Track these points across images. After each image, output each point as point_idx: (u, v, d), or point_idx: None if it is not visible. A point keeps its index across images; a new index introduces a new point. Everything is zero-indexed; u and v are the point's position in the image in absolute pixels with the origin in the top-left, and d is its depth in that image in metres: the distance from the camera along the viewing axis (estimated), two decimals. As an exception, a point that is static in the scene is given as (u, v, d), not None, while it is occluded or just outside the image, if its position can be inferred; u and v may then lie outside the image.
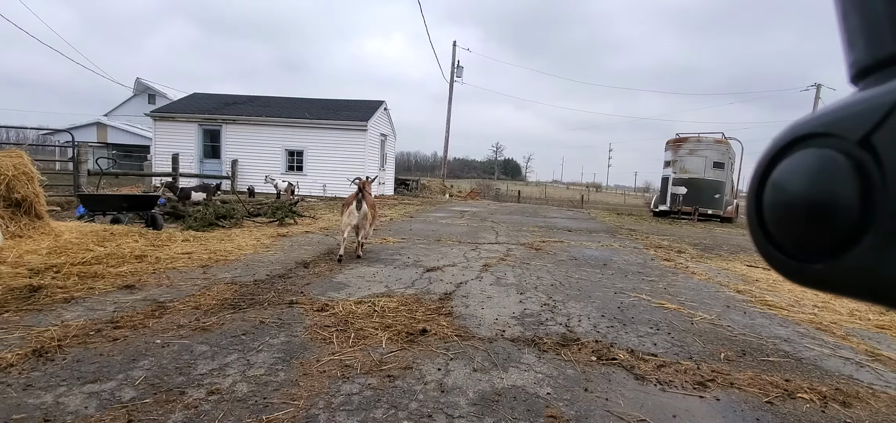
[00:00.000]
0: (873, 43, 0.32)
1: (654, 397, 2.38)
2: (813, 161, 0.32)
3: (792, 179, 0.33)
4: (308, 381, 2.33)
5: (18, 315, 3.04)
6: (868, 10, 0.33)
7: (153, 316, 3.14)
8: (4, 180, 4.98)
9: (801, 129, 0.34)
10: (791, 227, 0.33)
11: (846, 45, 0.35)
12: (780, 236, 0.34)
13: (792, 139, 0.34)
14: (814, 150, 0.32)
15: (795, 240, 0.33)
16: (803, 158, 0.33)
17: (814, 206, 0.31)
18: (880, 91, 0.30)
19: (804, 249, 0.33)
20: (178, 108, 20.86)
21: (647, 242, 9.19)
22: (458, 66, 29.40)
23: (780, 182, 0.34)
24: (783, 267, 0.34)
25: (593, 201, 34.29)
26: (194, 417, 1.95)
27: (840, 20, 0.36)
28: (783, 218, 0.33)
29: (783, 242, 0.34)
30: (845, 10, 0.35)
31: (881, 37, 0.32)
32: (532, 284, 4.73)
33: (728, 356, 3.02)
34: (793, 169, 0.33)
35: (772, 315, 4.07)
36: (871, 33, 0.32)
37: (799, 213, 0.32)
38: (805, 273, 0.33)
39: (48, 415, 1.90)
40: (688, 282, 5.31)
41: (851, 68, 0.35)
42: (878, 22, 0.32)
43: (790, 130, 0.34)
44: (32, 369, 2.29)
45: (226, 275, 4.41)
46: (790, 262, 0.34)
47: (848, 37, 0.35)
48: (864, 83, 0.34)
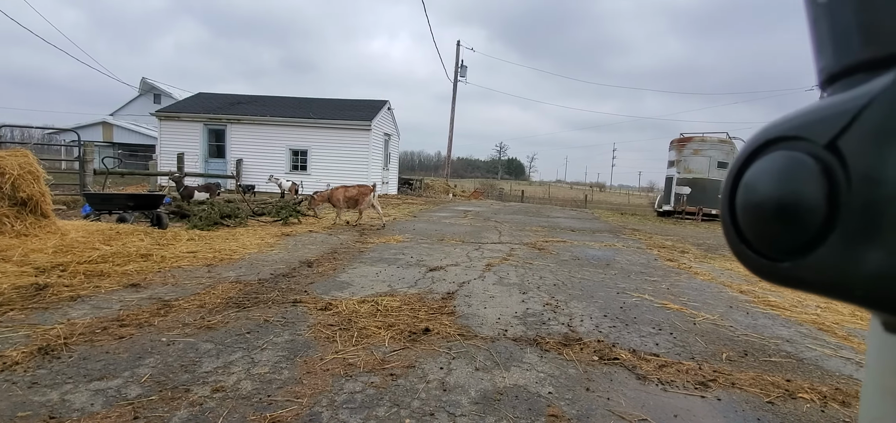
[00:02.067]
0: (841, 50, 0.34)
1: (656, 396, 2.38)
2: (783, 163, 0.33)
3: (763, 180, 0.34)
4: (311, 379, 2.34)
5: (24, 313, 3.07)
6: (836, 18, 0.34)
7: (159, 314, 3.17)
8: (10, 179, 5.02)
9: (773, 132, 0.35)
10: (762, 226, 0.34)
11: (816, 51, 0.36)
12: (751, 234, 0.35)
13: (764, 142, 0.35)
14: (784, 152, 0.34)
15: (766, 239, 0.34)
16: (774, 160, 0.34)
17: (783, 206, 0.33)
18: (847, 97, 0.31)
19: (774, 247, 0.34)
20: (183, 107, 20.97)
21: (651, 242, 9.17)
22: (461, 66, 29.41)
23: (752, 183, 0.35)
24: (754, 265, 0.36)
25: (597, 201, 34.22)
26: (199, 414, 1.97)
27: (810, 27, 0.37)
28: (754, 217, 0.35)
29: (754, 240, 0.35)
30: (815, 18, 0.36)
31: (848, 44, 0.33)
32: (535, 283, 4.74)
33: (730, 356, 3.02)
34: (764, 170, 0.34)
35: (774, 316, 4.06)
36: (838, 41, 0.34)
37: (769, 212, 0.33)
38: (774, 271, 0.34)
39: (54, 412, 1.92)
40: (691, 282, 5.31)
41: (820, 74, 0.36)
42: (846, 30, 0.33)
43: (762, 133, 0.35)
44: (38, 366, 2.32)
45: (230, 274, 4.44)
46: (761, 260, 0.35)
47: (817, 43, 0.36)
48: (832, 89, 0.35)
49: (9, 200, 4.99)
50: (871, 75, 0.31)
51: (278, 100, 22.18)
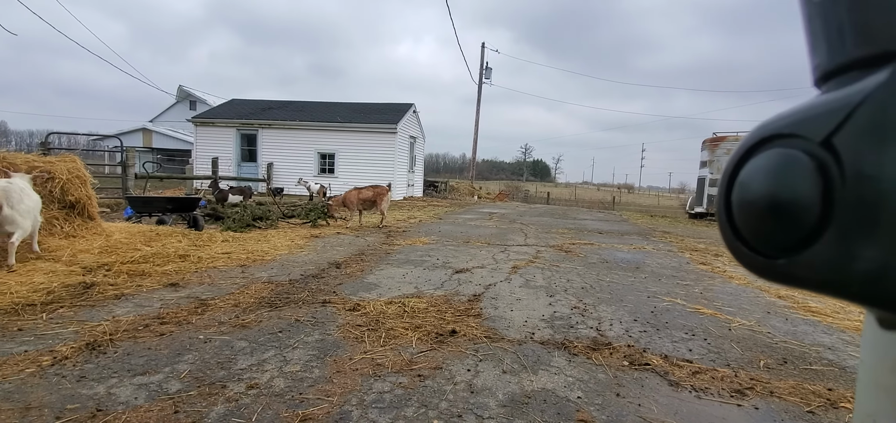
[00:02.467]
0: (835, 48, 0.34)
1: (689, 403, 2.32)
2: (778, 161, 0.34)
3: (759, 178, 0.34)
4: (341, 378, 2.39)
5: (73, 310, 3.25)
6: (830, 16, 0.34)
7: (196, 313, 3.30)
8: (60, 183, 5.32)
9: (769, 129, 0.35)
10: (757, 223, 0.35)
11: (810, 49, 0.37)
12: (747, 232, 0.36)
13: (760, 139, 0.35)
14: (780, 150, 0.34)
15: (761, 236, 0.35)
16: (769, 158, 0.34)
17: (779, 203, 0.33)
18: (841, 94, 0.31)
19: (769, 244, 0.34)
20: (217, 113, 21.72)
21: (683, 244, 8.92)
22: (486, 68, 29.36)
23: (748, 181, 0.35)
24: (749, 262, 0.36)
25: (625, 203, 33.50)
26: (235, 410, 2.04)
27: (804, 25, 0.37)
28: (750, 215, 0.35)
29: (750, 238, 0.35)
30: (809, 16, 0.36)
31: (842, 42, 0.33)
32: (562, 286, 4.69)
33: (768, 363, 2.91)
34: (759, 168, 0.35)
35: (815, 322, 3.88)
36: (832, 39, 0.34)
37: (765, 209, 0.34)
38: (770, 268, 0.34)
39: (100, 405, 2.03)
40: (726, 286, 5.14)
41: (815, 72, 0.36)
42: (840, 28, 0.33)
43: (758, 131, 0.36)
44: (86, 361, 2.45)
45: (263, 274, 4.57)
46: (756, 257, 0.35)
47: (812, 41, 0.36)
48: (826, 86, 0.35)
49: (58, 203, 5.28)
50: (865, 73, 0.31)
51: (307, 105, 22.69)
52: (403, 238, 7.65)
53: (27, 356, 2.46)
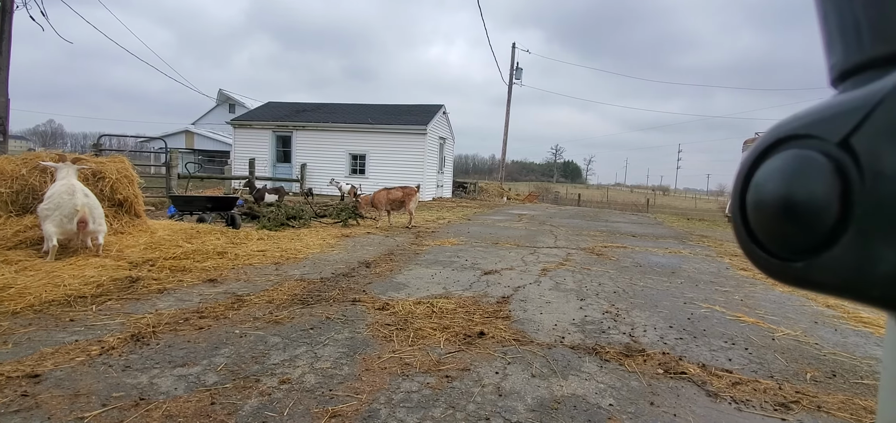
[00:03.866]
0: (852, 47, 0.33)
1: (729, 415, 2.22)
2: (795, 162, 0.33)
3: (774, 179, 0.34)
4: (370, 376, 2.42)
5: (120, 303, 3.43)
6: (846, 14, 0.33)
7: (232, 308, 3.41)
8: (109, 183, 5.62)
9: (784, 130, 0.34)
10: (773, 225, 0.34)
11: (826, 47, 0.36)
12: (762, 234, 0.35)
13: (775, 140, 0.35)
14: (796, 150, 0.33)
15: (777, 238, 0.34)
16: (785, 159, 0.34)
17: (795, 205, 0.32)
18: (859, 94, 0.31)
19: (785, 247, 0.34)
20: (254, 116, 22.45)
21: (721, 249, 8.57)
22: (517, 69, 29.11)
23: (763, 182, 0.35)
24: (765, 265, 0.35)
25: (660, 205, 32.51)
26: (268, 403, 2.09)
27: (820, 23, 0.36)
28: (766, 217, 0.34)
29: (765, 240, 0.35)
30: (825, 14, 0.35)
31: (859, 40, 0.32)
32: (593, 290, 4.59)
33: (815, 376, 2.75)
34: (775, 169, 0.34)
35: (867, 333, 3.64)
36: (849, 37, 0.33)
37: (781, 212, 0.33)
38: (786, 271, 0.34)
39: (143, 394, 2.13)
40: (768, 293, 4.89)
41: (832, 71, 0.35)
42: (856, 26, 0.32)
43: (773, 131, 0.35)
44: (131, 352, 2.58)
45: (295, 272, 4.69)
46: (772, 260, 0.35)
47: (828, 40, 0.35)
48: (843, 86, 0.34)
49: (108, 201, 5.58)
50: (882, 72, 0.31)
51: (339, 107, 23.14)
52: (432, 239, 7.68)
53: (77, 345, 2.61)
